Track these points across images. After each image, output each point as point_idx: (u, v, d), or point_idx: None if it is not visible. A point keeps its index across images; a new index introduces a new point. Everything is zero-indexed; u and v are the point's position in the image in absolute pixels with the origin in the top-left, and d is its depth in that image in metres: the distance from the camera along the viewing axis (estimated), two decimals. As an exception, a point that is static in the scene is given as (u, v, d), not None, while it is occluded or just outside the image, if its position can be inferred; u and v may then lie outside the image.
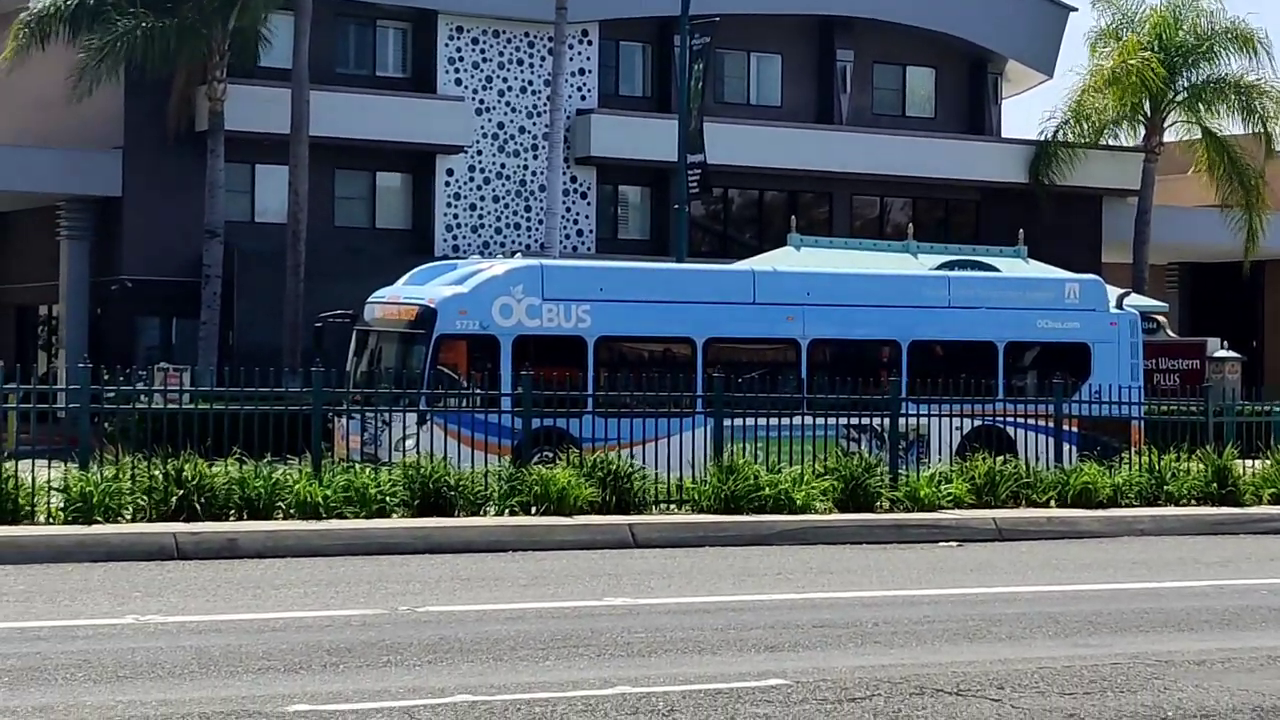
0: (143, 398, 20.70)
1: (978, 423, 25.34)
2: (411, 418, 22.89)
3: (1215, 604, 15.51)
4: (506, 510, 20.17)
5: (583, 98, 45.08)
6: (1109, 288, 31.20)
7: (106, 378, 20.08)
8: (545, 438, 22.67)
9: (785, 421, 23.11)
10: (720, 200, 47.02)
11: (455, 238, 43.37)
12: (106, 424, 20.44)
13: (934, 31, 49.12)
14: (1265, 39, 48.35)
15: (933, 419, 24.09)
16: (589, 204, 45.16)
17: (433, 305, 25.60)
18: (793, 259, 34.30)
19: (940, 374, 24.90)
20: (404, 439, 22.25)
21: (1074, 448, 25.09)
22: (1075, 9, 52.34)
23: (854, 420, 24.01)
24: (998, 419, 25.77)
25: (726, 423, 22.26)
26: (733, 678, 11.18)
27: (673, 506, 21.17)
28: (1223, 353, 40.47)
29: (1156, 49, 48.26)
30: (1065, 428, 24.90)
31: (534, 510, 20.15)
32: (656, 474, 21.22)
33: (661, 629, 13.21)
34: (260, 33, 40.29)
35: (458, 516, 19.81)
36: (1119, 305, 29.97)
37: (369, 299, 27.71)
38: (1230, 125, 48.99)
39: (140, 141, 40.64)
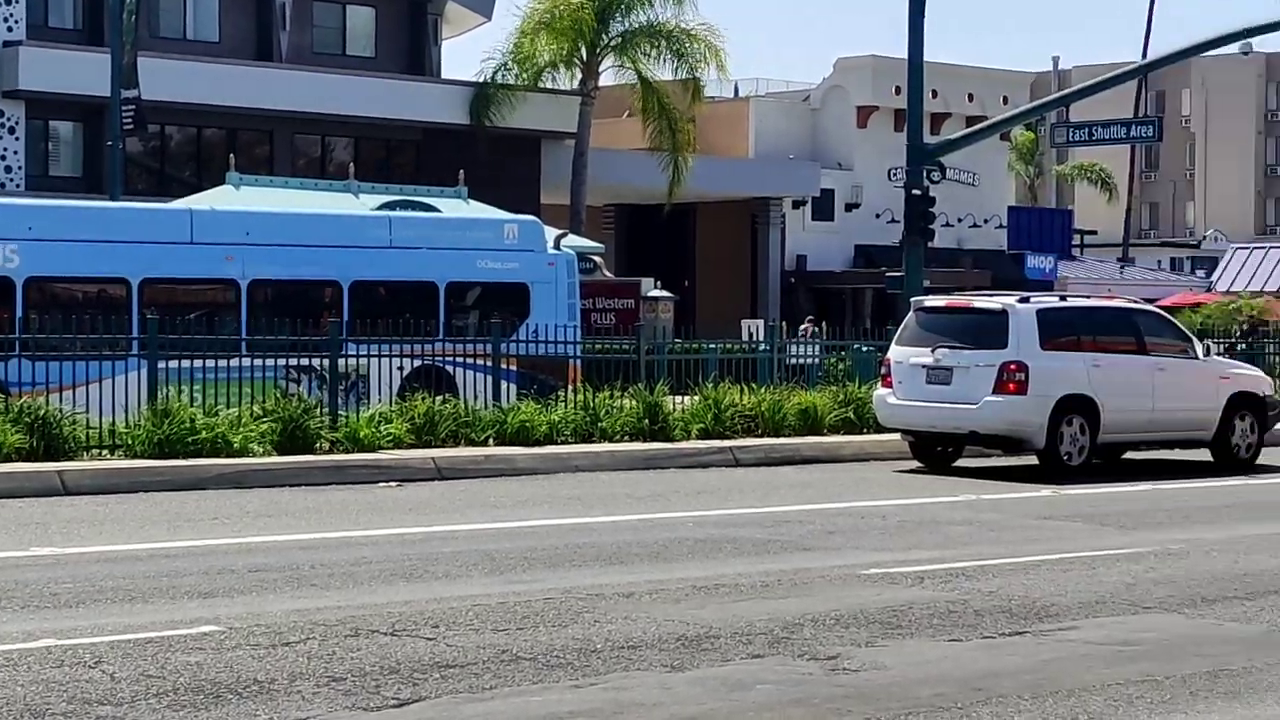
0: None
1: (419, 363, 25.48)
2: None
3: (645, 537, 16.04)
4: (-72, 458, 19.36)
5: (9, 29, 43.33)
6: (547, 228, 31.76)
7: None
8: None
9: (225, 364, 22.78)
10: (158, 138, 45.97)
11: (-128, 173, 41.20)
12: None
13: (374, -30, 49.03)
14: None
15: (373, 360, 24.14)
16: (17, 139, 43.51)
17: None
18: (232, 198, 33.75)
19: (383, 314, 24.93)
20: None
21: (513, 386, 25.50)
22: (511, -48, 52.95)
23: (296, 362, 23.86)
24: (439, 359, 25.96)
25: (164, 365, 21.83)
26: (164, 626, 11.01)
27: (105, 452, 20.67)
28: (656, 292, 41.78)
29: (592, -6, 49.26)
30: (504, 367, 25.31)
31: (-42, 458, 19.39)
32: (88, 419, 20.67)
33: (91, 579, 12.90)
34: None
35: (-125, 467, 18.91)
36: (556, 246, 30.53)
37: None
38: (662, 71, 50.46)
39: None
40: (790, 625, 11.55)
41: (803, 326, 43.77)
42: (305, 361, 24.14)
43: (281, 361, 23.48)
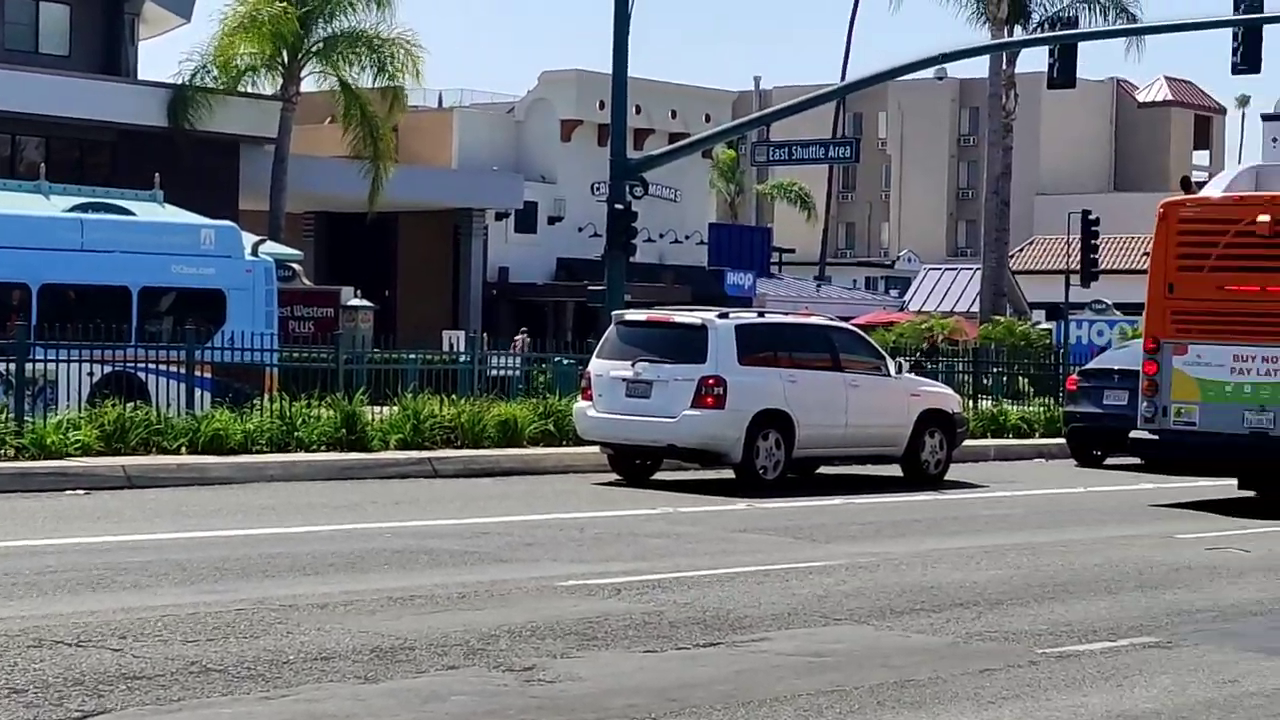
0: None
1: (110, 369, 24.92)
2: None
3: (341, 547, 15.88)
4: None
5: None
6: (245, 235, 31.30)
7: None
8: None
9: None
10: None
11: None
12: None
13: (66, -33, 47.88)
14: (402, -6, 49.61)
15: (62, 365, 23.53)
16: None
17: None
18: (-85, 197, 32.65)
19: (73, 319, 24.34)
20: None
21: (209, 394, 25.07)
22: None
23: (-20, 366, 23.16)
24: (130, 365, 25.41)
25: None
26: None
27: None
28: (356, 301, 41.48)
29: (295, -1, 48.71)
30: (199, 374, 24.87)
31: None
32: None
33: None
34: None
35: None
36: (254, 253, 30.08)
37: None
38: (364, 78, 50.04)
39: None
40: (486, 637, 11.53)
41: (517, 338, 43.80)
42: (-9, 365, 23.43)
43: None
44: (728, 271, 63.75)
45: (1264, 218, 21.91)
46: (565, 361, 30.53)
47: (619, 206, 33.42)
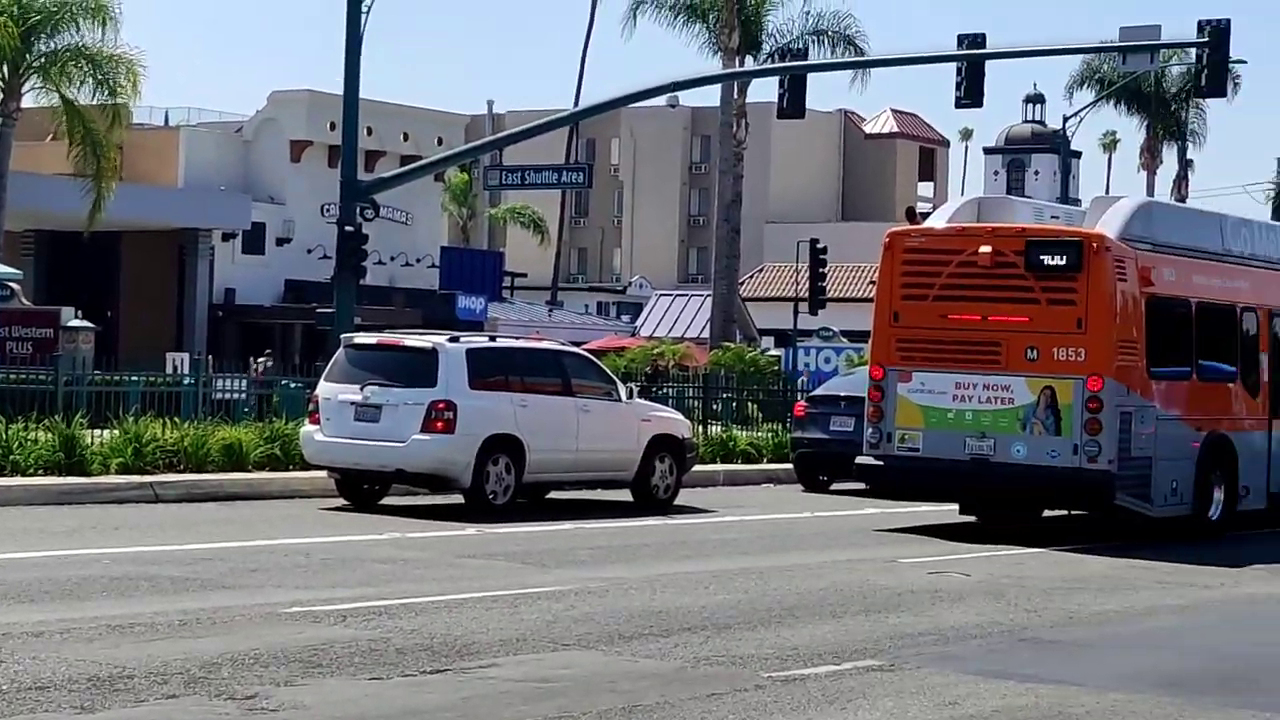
0: None
1: None
2: None
3: (58, 574, 15.45)
4: None
5: None
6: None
7: None
8: None
9: None
10: None
11: None
12: None
13: None
14: (118, 12, 48.53)
15: None
16: None
17: None
18: None
19: None
20: None
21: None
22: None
23: None
24: None
25: None
26: None
27: None
28: (76, 322, 40.47)
29: (16, 13, 47.51)
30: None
31: None
32: None
33: None
34: None
35: None
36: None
37: None
38: (87, 95, 48.92)
39: None
40: (208, 665, 11.31)
41: (260, 360, 43.14)
42: None
43: None
44: (459, 295, 63.59)
45: (985, 249, 22.42)
46: (292, 385, 30.12)
47: (349, 228, 33.11)
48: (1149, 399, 22.67)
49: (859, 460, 23.54)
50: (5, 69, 47.93)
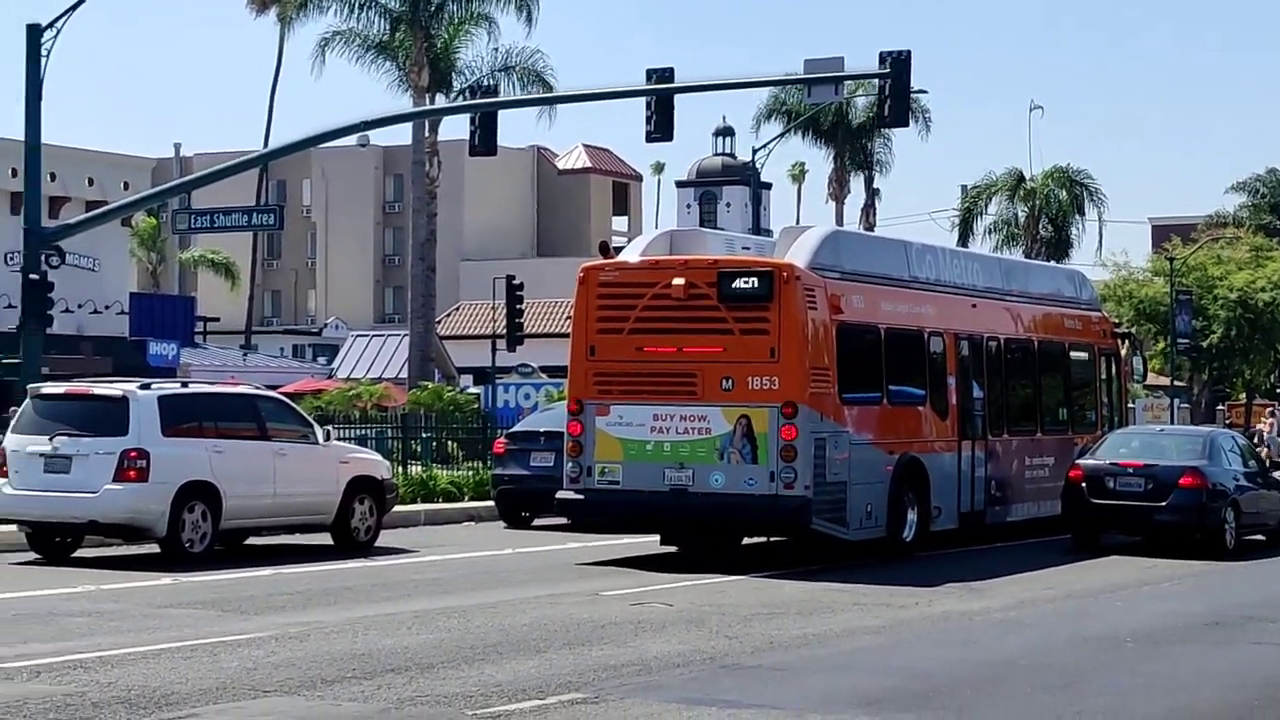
0: None
1: None
2: None
3: None
4: None
5: None
6: None
7: None
8: None
9: None
10: None
11: None
12: None
13: None
14: None
15: None
16: None
17: None
18: None
19: None
20: None
21: None
22: None
23: None
24: None
25: None
26: None
27: None
28: None
29: None
30: None
31: None
32: None
33: None
34: None
35: None
36: None
37: None
38: None
39: None
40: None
41: None
42: None
43: None
44: (150, 341, 62.40)
45: (678, 280, 22.70)
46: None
47: (34, 276, 32.34)
48: (843, 425, 23.16)
49: (559, 495, 23.63)
50: None
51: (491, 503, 31.56)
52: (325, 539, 25.14)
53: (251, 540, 24.93)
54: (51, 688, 12.56)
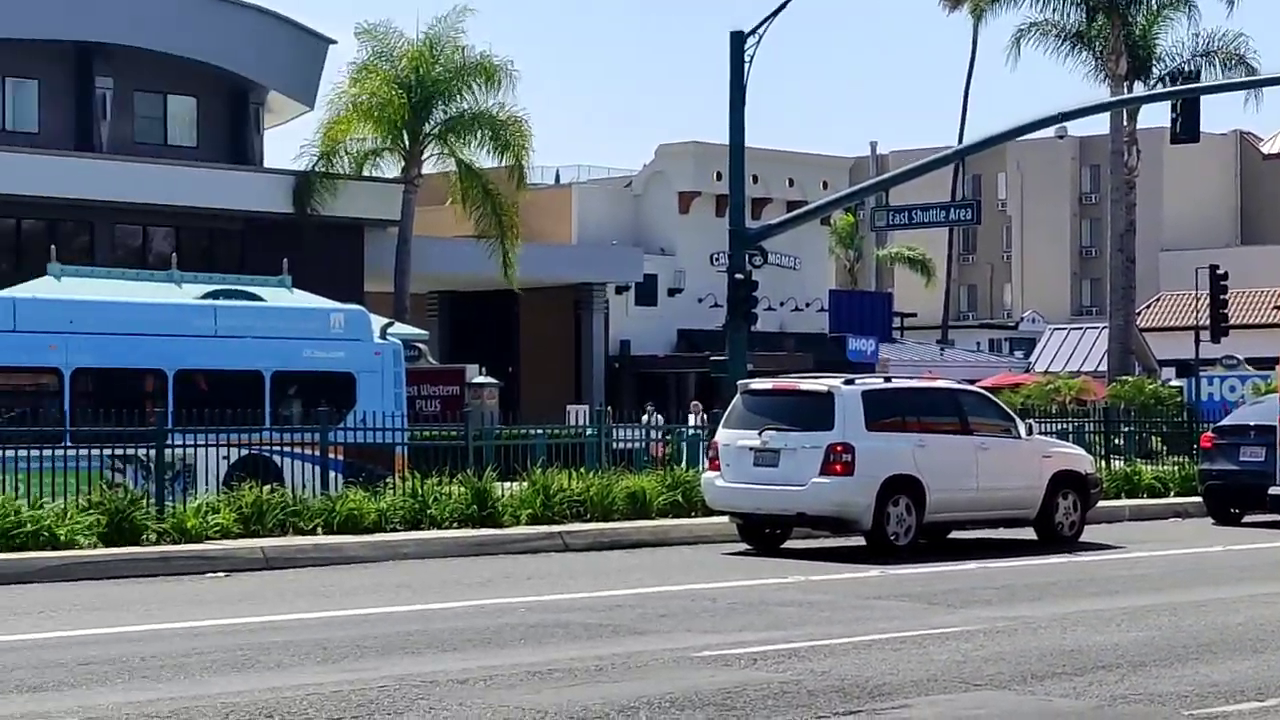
0: None
1: (245, 452, 25.26)
2: None
3: (477, 623, 15.99)
4: None
5: None
6: (373, 317, 31.67)
7: None
8: None
9: (49, 453, 22.44)
10: (-26, 228, 45.26)
11: None
12: None
13: (194, 61, 48.81)
14: (512, 71, 50.07)
15: (199, 449, 23.89)
16: None
17: None
18: (53, 288, 33.29)
19: (208, 403, 24.72)
20: None
21: (340, 475, 25.31)
22: (335, 41, 52.99)
23: (120, 451, 23.59)
24: (264, 448, 25.76)
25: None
26: (-7, 723, 10.82)
27: (-74, 547, 20.28)
28: (481, 379, 41.73)
29: (414, 83, 49.35)
30: (331, 456, 25.14)
31: None
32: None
33: (-85, 676, 12.64)
34: None
35: None
36: (383, 335, 30.45)
37: None
38: (484, 158, 50.58)
39: None
40: (625, 709, 11.57)
41: (647, 412, 43.90)
42: (129, 451, 23.82)
43: (106, 451, 23.22)
44: (849, 338, 63.68)
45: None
46: (691, 432, 30.57)
47: (739, 276, 33.52)
48: None
49: (1272, 491, 22.92)
50: (405, 138, 49.80)
51: (1198, 498, 30.83)
52: (1025, 534, 25.12)
53: (953, 534, 25.17)
54: (768, 675, 13.03)
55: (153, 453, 23.21)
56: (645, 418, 41.81)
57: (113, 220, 47.22)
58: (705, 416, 37.63)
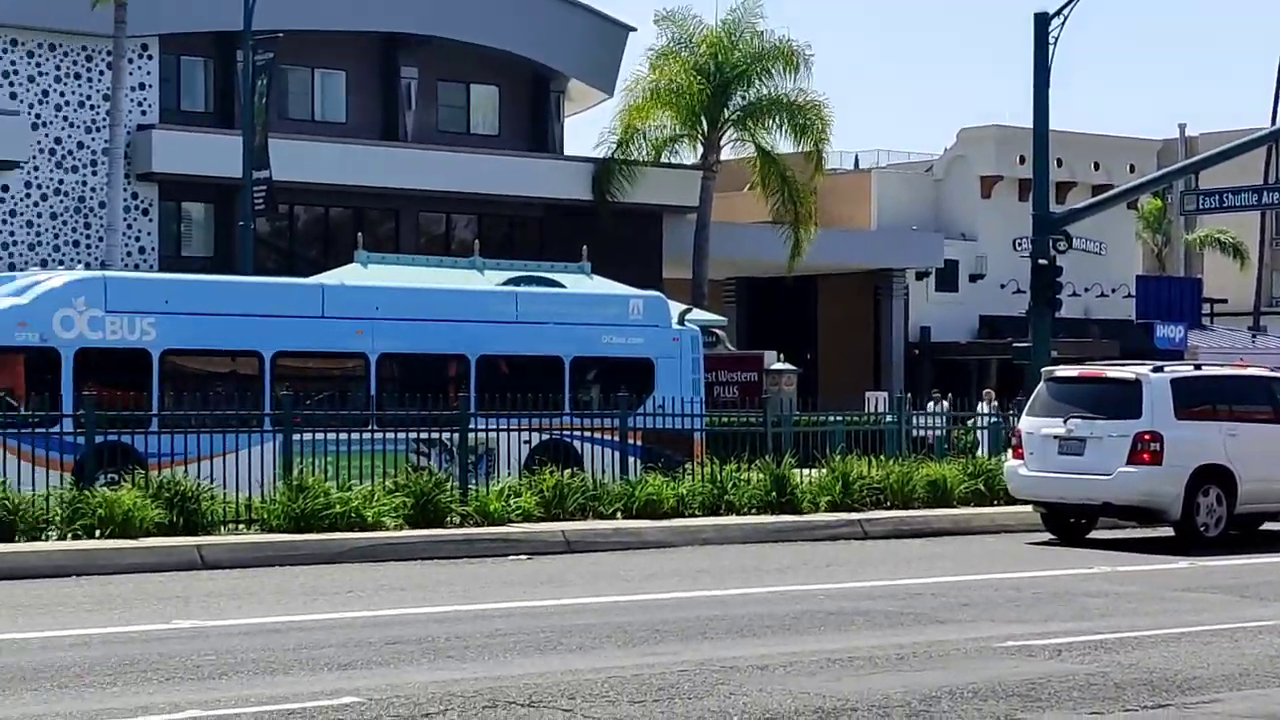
0: None
1: (544, 437, 25.60)
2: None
3: (776, 609, 15.98)
4: (69, 535, 19.65)
5: (143, 113, 44.14)
6: (671, 304, 31.85)
7: None
8: (110, 454, 22.05)
9: (355, 436, 23.00)
10: (285, 217, 46.53)
11: (12, 255, 42.01)
12: None
13: (496, 50, 49.54)
14: (809, 55, 49.99)
15: (501, 434, 24.26)
16: (151, 221, 44.22)
17: (-12, 316, 24.66)
18: (360, 276, 34.12)
19: (508, 388, 25.09)
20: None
21: (638, 460, 25.51)
22: (634, 29, 53.37)
23: (423, 435, 24.09)
24: (564, 433, 26.08)
25: (296, 438, 22.07)
26: (305, 697, 11.09)
27: (242, 526, 20.90)
28: (779, 365, 41.73)
29: (713, 69, 49.50)
30: (629, 441, 25.34)
31: (99, 534, 19.66)
32: (225, 493, 20.91)
33: (232, 651, 13.03)
34: None
35: (18, 542, 19.21)
36: (680, 321, 30.60)
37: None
38: (783, 144, 50.53)
39: None
40: (927, 698, 11.46)
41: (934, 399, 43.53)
42: (432, 435, 24.31)
43: (410, 434, 23.72)
44: (1157, 324, 62.31)
45: None
46: (992, 420, 30.22)
47: (1043, 261, 33.01)
48: None
49: None
50: (704, 124, 49.99)
51: None
52: (1343, 526, 24.35)
53: (1266, 526, 24.49)
54: (1073, 667, 12.81)
55: (456, 437, 23.62)
56: (930, 405, 41.44)
57: (417, 208, 48.18)
58: (996, 405, 37.20)
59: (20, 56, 42.67)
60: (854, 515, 24.54)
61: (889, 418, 29.72)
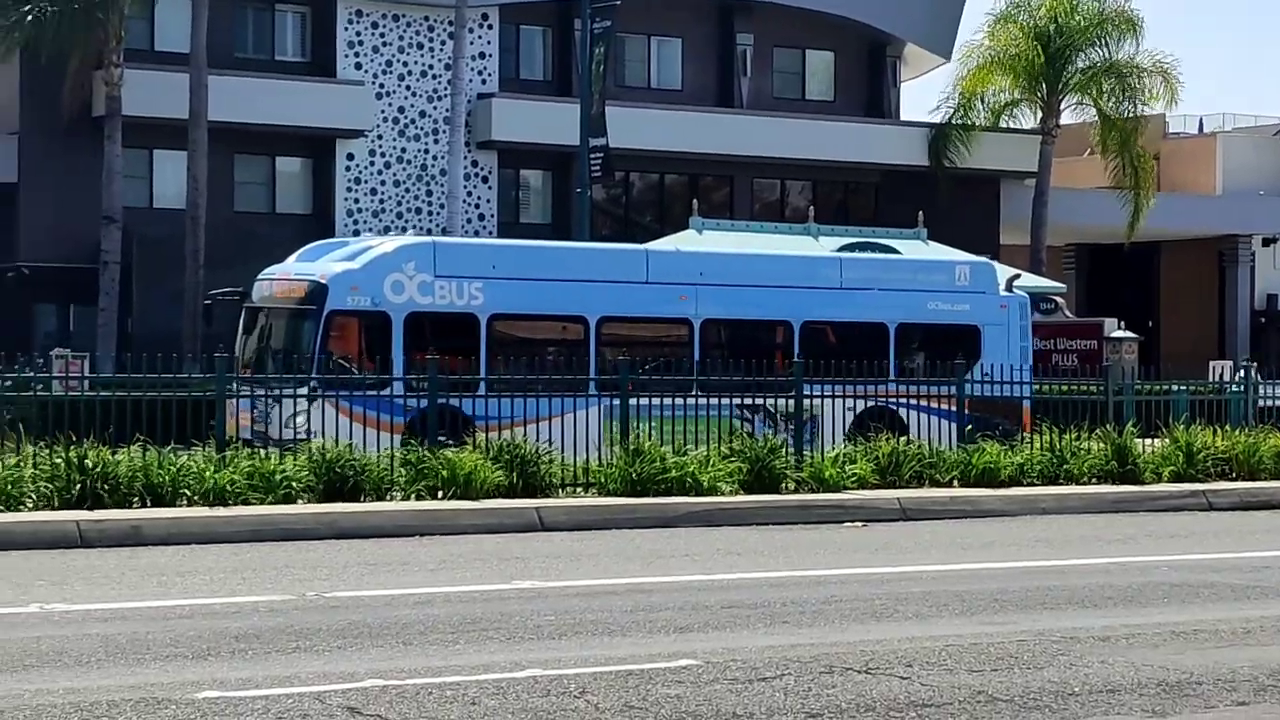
0: (41, 385, 20.48)
1: (869, 404, 25.45)
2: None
3: (1117, 581, 15.67)
4: (413, 495, 20.14)
5: (483, 81, 44.99)
6: (1001, 269, 31.40)
7: (2, 366, 19.93)
8: (439, 417, 22.53)
9: (680, 401, 23.14)
10: (621, 184, 47.05)
11: (356, 222, 43.21)
12: (5, 412, 20.13)
13: (833, 15, 49.35)
14: (1140, 23, 48.99)
15: (826, 400, 24.15)
16: (490, 188, 45.08)
17: (324, 281, 25.39)
18: (694, 242, 34.35)
19: (832, 355, 24.96)
20: (294, 416, 22.06)
21: (963, 429, 25.16)
22: (972, -8, 52.74)
23: (748, 400, 24.14)
24: (889, 400, 25.91)
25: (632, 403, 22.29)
26: (643, 659, 11.20)
27: (579, 489, 21.19)
28: (1120, 333, 40.92)
29: (1051, 33, 48.69)
30: (954, 408, 25.05)
31: (440, 494, 20.12)
32: (562, 456, 21.21)
33: (570, 611, 13.22)
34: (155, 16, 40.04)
35: (364, 501, 19.76)
36: (1009, 288, 30.15)
37: (259, 276, 27.37)
38: (1122, 108, 49.48)
39: (36, 126, 40.28)
40: (1275, 672, 11.13)
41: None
42: (755, 400, 24.34)
43: (735, 400, 23.79)
44: None
45: None
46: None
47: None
48: None
49: None
50: (1044, 88, 49.23)
51: None
52: None
53: None
54: None
55: (781, 402, 23.61)
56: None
57: (751, 174, 48.30)
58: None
59: (365, 28, 43.79)
60: (1197, 486, 23.96)
61: (1234, 387, 28.91)
